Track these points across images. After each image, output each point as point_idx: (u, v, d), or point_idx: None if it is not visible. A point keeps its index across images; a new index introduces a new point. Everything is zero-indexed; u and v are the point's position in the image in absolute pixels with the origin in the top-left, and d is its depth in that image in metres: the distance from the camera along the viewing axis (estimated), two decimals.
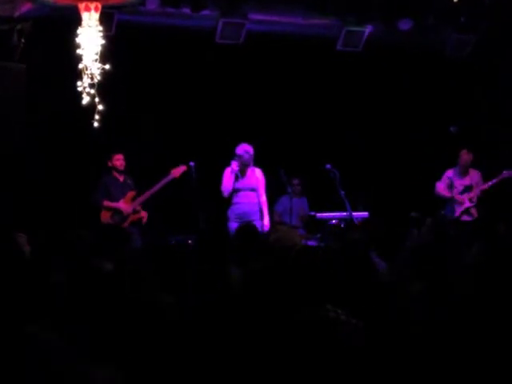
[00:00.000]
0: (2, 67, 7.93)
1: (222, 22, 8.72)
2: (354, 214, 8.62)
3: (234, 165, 8.37)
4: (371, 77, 10.07)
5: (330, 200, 8.91)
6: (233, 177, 8.37)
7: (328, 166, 8.62)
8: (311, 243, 8.36)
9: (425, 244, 4.04)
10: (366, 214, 9.06)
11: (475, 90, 10.37)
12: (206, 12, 8.56)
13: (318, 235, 9.00)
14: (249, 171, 8.46)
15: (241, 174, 8.42)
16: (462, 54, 9.80)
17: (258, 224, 7.49)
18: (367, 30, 9.25)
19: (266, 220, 8.43)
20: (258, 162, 8.51)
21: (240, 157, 8.39)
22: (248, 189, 8.43)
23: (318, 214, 9.09)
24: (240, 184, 8.41)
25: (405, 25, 9.12)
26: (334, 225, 8.80)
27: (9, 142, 7.98)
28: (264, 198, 8.52)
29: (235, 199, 8.44)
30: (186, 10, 8.51)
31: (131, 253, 5.92)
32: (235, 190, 8.42)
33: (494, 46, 9.95)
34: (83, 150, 8.72)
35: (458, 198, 9.20)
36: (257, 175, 8.50)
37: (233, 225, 8.21)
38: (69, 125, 8.50)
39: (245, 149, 8.41)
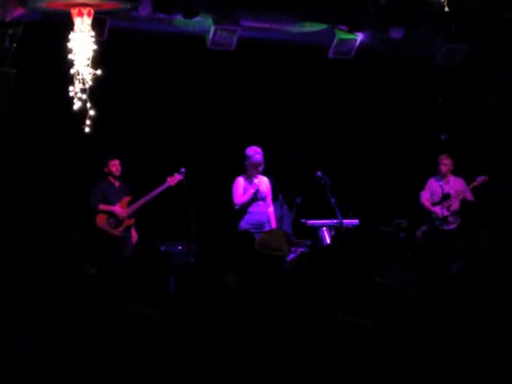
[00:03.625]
0: None
1: (214, 29, 8.72)
2: (344, 221, 8.63)
3: (255, 185, 8.25)
4: (363, 85, 10.11)
5: (321, 207, 8.91)
6: (252, 192, 8.24)
7: (319, 173, 8.63)
8: (301, 250, 8.37)
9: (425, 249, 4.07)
10: (356, 221, 9.07)
11: (465, 98, 10.43)
12: (198, 18, 8.56)
13: (308, 242, 9.00)
14: (260, 179, 8.37)
15: (251, 177, 8.30)
16: (453, 63, 9.85)
17: None
18: (359, 38, 9.28)
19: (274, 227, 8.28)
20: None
21: (250, 158, 8.29)
22: (260, 198, 8.35)
23: (309, 222, 9.09)
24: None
25: (396, 33, 9.16)
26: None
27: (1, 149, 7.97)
28: (272, 208, 8.48)
29: (249, 208, 8.31)
30: (178, 17, 8.52)
31: (118, 260, 5.91)
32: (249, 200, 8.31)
33: (483, 55, 10.01)
34: (74, 155, 8.71)
35: (435, 210, 9.19)
36: (266, 183, 8.44)
37: None
38: (60, 130, 8.49)
39: (255, 150, 8.32)
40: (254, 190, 8.27)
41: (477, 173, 9.40)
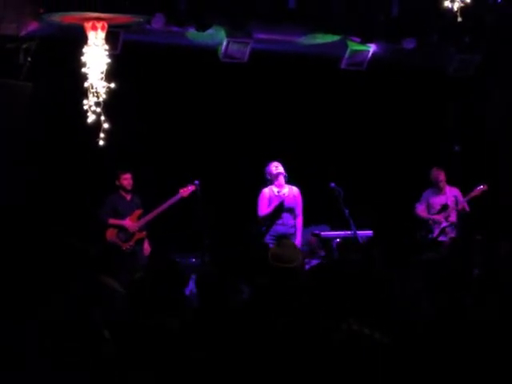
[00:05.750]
0: (8, 85, 7.96)
1: (226, 41, 8.75)
2: (358, 232, 8.59)
3: (280, 197, 8.12)
4: (375, 96, 10.11)
5: (335, 218, 8.89)
6: (275, 204, 8.11)
7: (332, 184, 8.58)
8: (315, 262, 8.36)
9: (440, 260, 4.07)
10: (370, 232, 9.04)
11: (478, 108, 10.42)
12: (210, 31, 8.59)
13: (322, 253, 8.98)
14: (287, 189, 8.28)
15: (277, 188, 8.21)
16: (466, 73, 9.84)
17: None
18: (371, 49, 9.28)
19: (298, 240, 8.15)
20: (262, 179, 8.49)
21: (266, 171, 8.23)
22: (286, 209, 8.20)
23: (323, 233, 9.06)
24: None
25: (409, 44, 9.17)
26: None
27: (16, 161, 8.00)
28: (300, 219, 8.31)
29: (275, 221, 8.17)
30: (191, 30, 8.56)
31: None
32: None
33: (496, 64, 10.00)
34: (88, 169, 8.74)
35: (435, 218, 9.18)
36: (295, 194, 8.31)
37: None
38: (74, 143, 8.53)
39: (275, 165, 8.25)
40: (278, 201, 8.16)
41: (485, 182, 9.36)
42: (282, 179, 8.28)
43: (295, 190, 8.36)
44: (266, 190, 8.28)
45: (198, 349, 3.12)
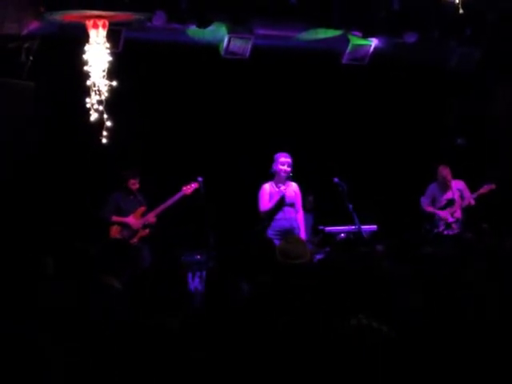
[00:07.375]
0: (10, 85, 7.97)
1: (228, 38, 8.75)
2: (362, 227, 8.59)
3: (281, 192, 8.11)
4: (377, 91, 10.10)
5: (339, 213, 8.89)
6: (276, 199, 8.11)
7: (336, 179, 8.58)
8: (319, 256, 8.37)
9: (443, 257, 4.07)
10: (374, 227, 9.05)
11: (478, 104, 10.41)
12: (212, 28, 8.59)
13: (327, 249, 8.98)
14: (288, 184, 8.27)
15: (278, 183, 8.19)
16: (467, 67, 9.81)
17: None
18: (373, 43, 9.27)
19: (303, 234, 8.18)
20: (265, 175, 8.50)
21: (276, 162, 8.21)
22: (288, 204, 8.21)
23: (327, 228, 9.07)
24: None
25: (411, 38, 9.14)
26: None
27: (18, 160, 8.02)
28: (301, 213, 8.34)
29: (275, 215, 8.17)
30: (192, 27, 8.55)
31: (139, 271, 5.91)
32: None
33: (496, 61, 9.97)
34: (91, 167, 8.75)
35: (440, 214, 9.19)
36: (294, 189, 8.32)
37: (275, 242, 7.96)
38: (77, 141, 8.55)
39: (283, 155, 8.22)
40: (278, 196, 8.17)
41: (487, 179, 9.36)
42: (284, 179, 8.25)
43: (294, 185, 8.35)
44: (267, 186, 8.28)
45: (198, 349, 3.13)
